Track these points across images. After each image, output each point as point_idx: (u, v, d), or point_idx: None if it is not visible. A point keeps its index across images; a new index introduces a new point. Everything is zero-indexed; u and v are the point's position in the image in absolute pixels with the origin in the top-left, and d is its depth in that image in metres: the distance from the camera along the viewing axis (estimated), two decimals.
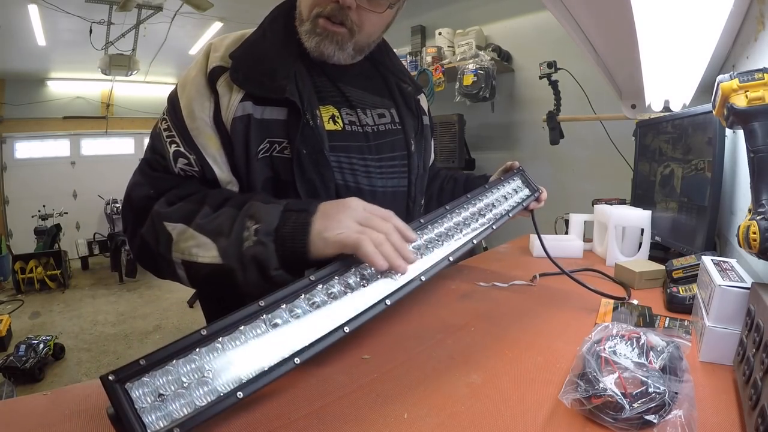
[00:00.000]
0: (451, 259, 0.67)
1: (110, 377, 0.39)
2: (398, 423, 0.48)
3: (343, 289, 0.55)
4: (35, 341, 2.78)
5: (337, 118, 0.77)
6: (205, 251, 0.59)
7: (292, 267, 0.57)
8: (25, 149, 5.76)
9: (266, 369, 0.46)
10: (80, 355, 3.09)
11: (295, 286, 0.51)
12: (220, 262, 0.58)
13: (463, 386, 0.55)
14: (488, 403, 0.51)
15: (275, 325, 0.49)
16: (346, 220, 0.56)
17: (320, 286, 0.53)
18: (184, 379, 0.42)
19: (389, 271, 0.56)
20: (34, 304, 4.18)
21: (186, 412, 0.41)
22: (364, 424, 0.48)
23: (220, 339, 0.45)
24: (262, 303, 0.49)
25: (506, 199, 0.88)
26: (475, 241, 0.73)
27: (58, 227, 5.21)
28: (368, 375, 0.58)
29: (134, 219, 0.68)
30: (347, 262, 0.56)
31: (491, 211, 0.83)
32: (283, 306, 0.50)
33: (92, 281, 5.00)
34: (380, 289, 0.57)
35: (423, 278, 0.60)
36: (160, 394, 0.41)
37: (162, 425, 0.40)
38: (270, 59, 0.71)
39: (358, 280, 0.56)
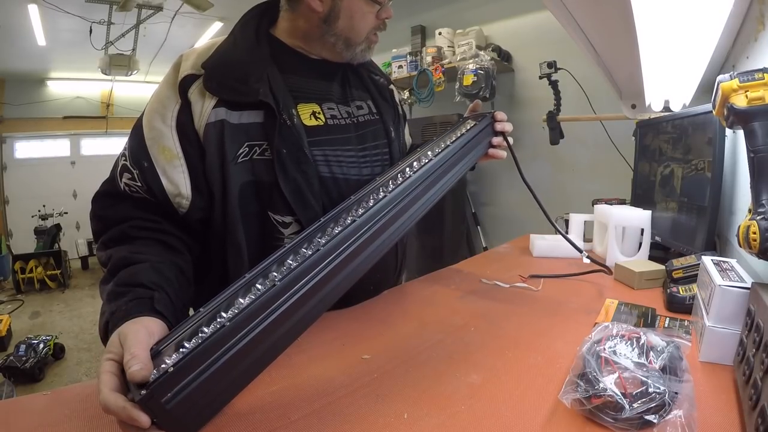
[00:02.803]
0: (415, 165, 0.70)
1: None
2: (398, 423, 0.48)
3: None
4: (35, 341, 2.78)
5: (318, 113, 0.79)
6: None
7: None
8: (25, 149, 5.75)
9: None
10: (80, 355, 3.09)
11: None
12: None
13: (463, 386, 0.55)
14: (488, 403, 0.51)
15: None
16: (109, 354, 0.48)
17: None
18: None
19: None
20: (34, 304, 4.18)
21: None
22: (364, 424, 0.48)
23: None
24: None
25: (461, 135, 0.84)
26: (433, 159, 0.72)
27: (58, 227, 5.20)
28: (368, 375, 0.58)
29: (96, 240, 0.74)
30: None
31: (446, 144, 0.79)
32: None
33: (92, 281, 4.99)
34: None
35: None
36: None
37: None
38: (242, 64, 0.72)
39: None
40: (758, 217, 0.53)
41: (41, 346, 2.78)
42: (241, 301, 0.48)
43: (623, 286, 0.98)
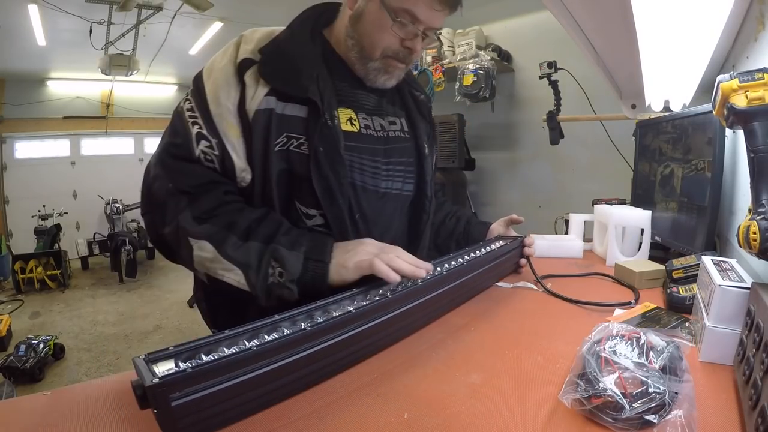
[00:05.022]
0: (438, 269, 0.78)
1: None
2: (398, 423, 0.48)
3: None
4: (35, 341, 2.78)
5: (354, 120, 0.82)
6: (233, 275, 0.67)
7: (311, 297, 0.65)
8: (25, 149, 5.75)
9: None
10: (80, 355, 3.09)
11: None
12: (246, 289, 0.67)
13: (463, 386, 0.55)
14: (488, 403, 0.51)
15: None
16: (361, 250, 0.69)
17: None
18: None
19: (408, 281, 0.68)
20: (34, 304, 4.18)
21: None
22: (364, 424, 0.48)
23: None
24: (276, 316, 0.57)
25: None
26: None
27: (58, 227, 5.19)
28: (368, 375, 0.58)
29: (154, 212, 0.73)
30: (367, 285, 0.67)
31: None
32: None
33: (92, 281, 4.99)
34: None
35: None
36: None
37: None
38: (296, 59, 0.75)
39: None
40: (758, 217, 0.53)
41: (41, 346, 2.78)
42: (267, 336, 0.52)
43: (624, 286, 0.98)
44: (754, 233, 0.52)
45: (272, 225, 0.71)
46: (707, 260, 0.70)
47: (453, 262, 0.82)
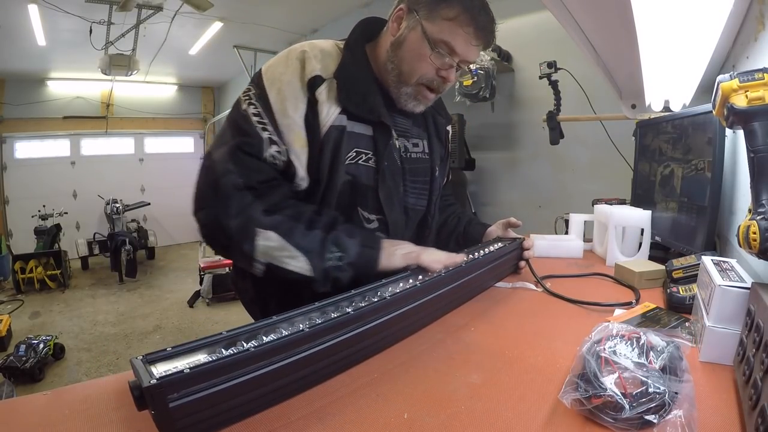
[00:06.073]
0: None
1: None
2: (398, 423, 0.48)
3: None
4: (35, 341, 2.78)
5: None
6: (296, 262, 0.73)
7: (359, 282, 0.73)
8: (25, 149, 5.76)
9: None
10: (80, 355, 3.09)
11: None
12: (308, 273, 0.73)
13: (463, 386, 0.55)
14: (488, 403, 0.51)
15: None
16: (406, 246, 0.81)
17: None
18: None
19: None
20: (34, 304, 4.18)
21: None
22: (364, 424, 0.48)
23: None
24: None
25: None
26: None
27: (58, 227, 5.20)
28: (368, 375, 0.58)
29: (219, 205, 0.73)
30: (410, 272, 0.77)
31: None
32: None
33: (92, 281, 5.00)
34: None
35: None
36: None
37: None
38: (360, 83, 0.82)
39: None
40: (758, 217, 0.53)
41: (41, 346, 2.78)
42: (265, 338, 0.52)
43: (624, 286, 0.98)
44: (754, 233, 0.52)
45: (331, 217, 0.79)
46: (707, 260, 0.70)
47: None
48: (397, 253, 0.78)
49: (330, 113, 0.78)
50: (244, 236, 0.72)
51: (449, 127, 1.08)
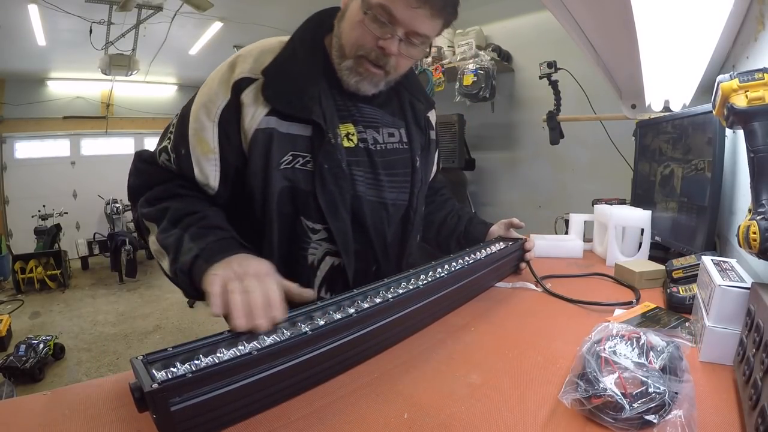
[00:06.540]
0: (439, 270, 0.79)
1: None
2: (398, 423, 0.48)
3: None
4: (35, 341, 2.78)
5: (352, 135, 0.82)
6: (163, 263, 0.70)
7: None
8: (25, 149, 5.74)
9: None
10: (80, 355, 3.09)
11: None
12: (169, 275, 0.70)
13: (463, 386, 0.55)
14: (488, 403, 0.51)
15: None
16: (226, 274, 0.59)
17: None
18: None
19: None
20: (34, 304, 4.18)
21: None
22: (364, 424, 0.48)
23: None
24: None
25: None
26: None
27: (58, 227, 5.19)
28: (368, 375, 0.58)
29: (131, 204, 0.82)
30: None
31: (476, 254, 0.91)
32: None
33: (92, 281, 4.99)
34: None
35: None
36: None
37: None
38: (298, 78, 0.75)
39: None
40: (758, 217, 0.53)
41: (41, 346, 2.78)
42: (266, 339, 0.52)
43: (624, 286, 0.98)
44: (754, 233, 0.52)
45: (201, 217, 0.71)
46: (707, 260, 0.70)
47: (454, 264, 0.82)
48: (207, 281, 0.58)
49: (256, 116, 0.72)
50: (139, 228, 0.78)
51: (431, 113, 1.00)
